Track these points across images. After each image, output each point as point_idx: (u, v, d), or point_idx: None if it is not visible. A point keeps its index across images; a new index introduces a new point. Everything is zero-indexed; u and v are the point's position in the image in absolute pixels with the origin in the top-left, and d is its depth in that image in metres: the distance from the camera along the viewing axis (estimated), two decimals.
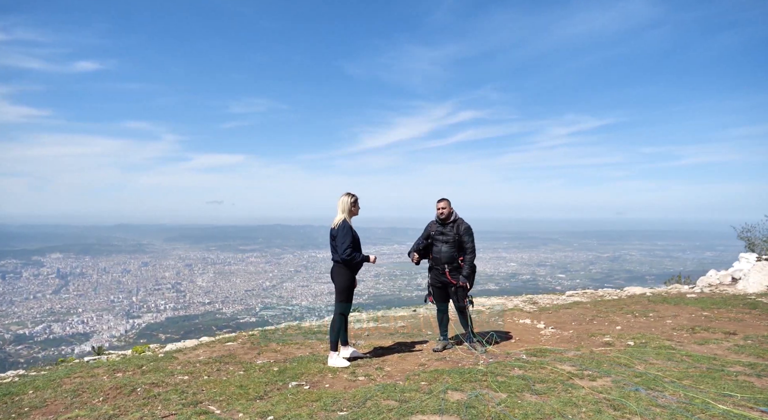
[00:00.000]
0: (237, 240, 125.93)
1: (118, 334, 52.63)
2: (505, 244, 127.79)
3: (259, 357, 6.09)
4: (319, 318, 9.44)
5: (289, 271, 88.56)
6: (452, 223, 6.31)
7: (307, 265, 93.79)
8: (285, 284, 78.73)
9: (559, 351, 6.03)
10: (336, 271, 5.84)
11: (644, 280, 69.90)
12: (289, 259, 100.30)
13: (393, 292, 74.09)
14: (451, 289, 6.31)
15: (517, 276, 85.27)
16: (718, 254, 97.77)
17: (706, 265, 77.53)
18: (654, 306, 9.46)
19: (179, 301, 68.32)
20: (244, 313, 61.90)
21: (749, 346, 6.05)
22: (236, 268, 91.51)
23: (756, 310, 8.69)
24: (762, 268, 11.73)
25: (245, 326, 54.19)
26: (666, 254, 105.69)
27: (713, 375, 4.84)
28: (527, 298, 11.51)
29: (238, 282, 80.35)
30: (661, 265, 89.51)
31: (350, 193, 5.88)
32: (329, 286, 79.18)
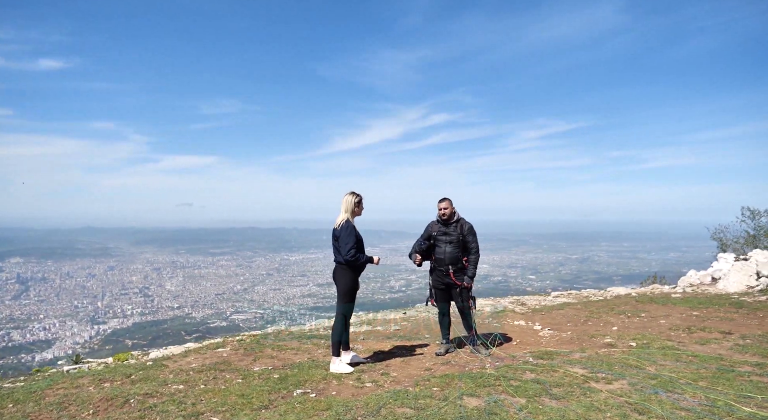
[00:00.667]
0: (207, 243, 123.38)
1: (82, 340, 50.75)
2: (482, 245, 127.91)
3: (255, 364, 5.79)
4: (292, 322, 9.13)
5: (261, 275, 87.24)
6: (455, 222, 6.15)
7: (279, 268, 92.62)
8: (257, 288, 77.53)
9: (565, 353, 5.92)
10: (339, 273, 5.61)
11: (612, 280, 71.37)
12: (261, 262, 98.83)
13: (365, 295, 73.70)
14: (455, 291, 6.14)
15: (489, 277, 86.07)
16: (681, 255, 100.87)
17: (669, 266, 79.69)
18: (643, 306, 9.51)
19: (147, 305, 66.42)
20: (215, 317, 60.60)
21: (750, 346, 6.06)
22: (206, 272, 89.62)
23: (743, 310, 8.81)
24: (741, 268, 11.97)
25: (216, 331, 53.06)
26: (632, 255, 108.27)
27: (726, 376, 4.80)
28: (514, 299, 11.46)
29: (208, 286, 78.68)
30: (628, 266, 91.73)
31: (354, 193, 5.65)
32: (302, 290, 78.19)
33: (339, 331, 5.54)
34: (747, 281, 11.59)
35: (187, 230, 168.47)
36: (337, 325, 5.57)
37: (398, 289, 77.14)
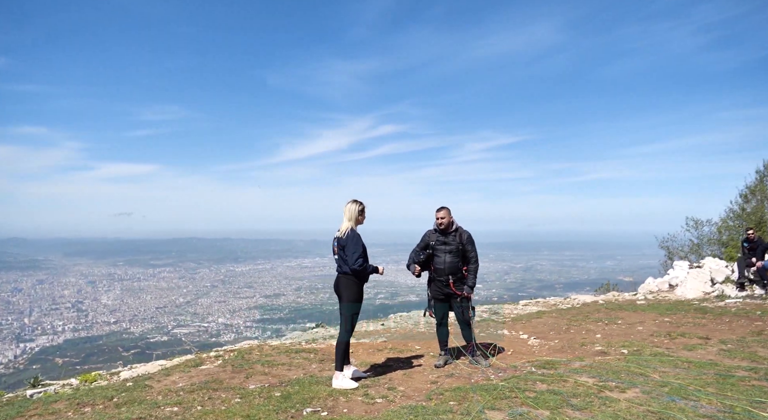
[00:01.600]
0: (147, 254, 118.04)
1: (5, 360, 46.98)
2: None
3: (249, 381, 5.42)
4: (237, 334, 8.68)
5: (205, 287, 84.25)
6: (454, 232, 6.05)
7: (224, 280, 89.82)
8: (200, 300, 74.72)
9: (565, 362, 5.92)
10: (343, 283, 5.37)
11: (554, 288, 73.81)
12: (205, 274, 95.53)
13: (314, 306, 72.77)
14: (454, 301, 6.02)
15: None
16: (617, 263, 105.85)
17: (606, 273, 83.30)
18: (615, 313, 9.76)
19: (80, 321, 62.44)
20: (155, 331, 57.84)
21: (734, 351, 6.28)
22: (146, 285, 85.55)
23: (709, 315, 9.19)
24: (697, 275, 12.58)
25: (156, 346, 50.58)
26: (572, 264, 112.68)
27: (728, 381, 4.90)
28: (486, 308, 11.50)
29: (148, 299, 75.08)
30: (569, 274, 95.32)
31: (357, 201, 5.45)
32: (248, 302, 76.06)
33: (343, 347, 5.29)
34: (703, 288, 12.19)
35: (125, 241, 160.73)
36: (340, 342, 5.31)
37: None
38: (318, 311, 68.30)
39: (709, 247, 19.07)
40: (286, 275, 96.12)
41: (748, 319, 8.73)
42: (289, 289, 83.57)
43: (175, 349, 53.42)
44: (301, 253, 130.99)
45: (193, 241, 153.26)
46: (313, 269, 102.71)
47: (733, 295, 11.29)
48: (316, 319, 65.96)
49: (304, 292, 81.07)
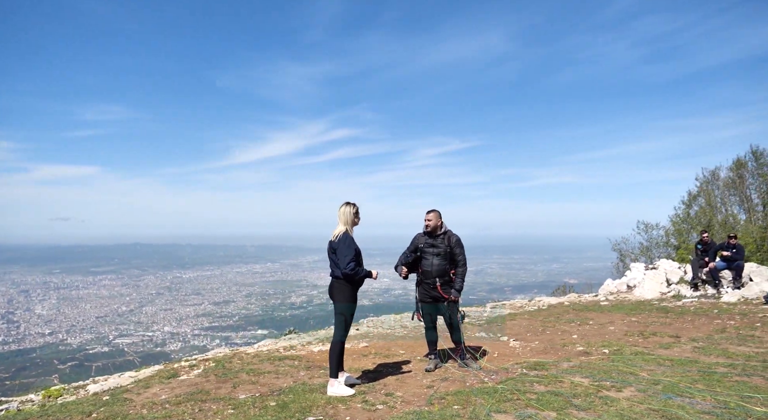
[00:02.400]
0: (87, 261, 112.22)
1: None
2: (378, 260, 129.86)
3: (237, 391, 5.16)
4: (185, 342, 8.36)
5: (150, 294, 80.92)
6: (443, 234, 6.02)
7: (171, 287, 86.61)
8: (145, 308, 71.69)
9: (553, 363, 5.99)
10: (336, 288, 5.20)
11: (503, 291, 75.62)
12: (150, 281, 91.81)
13: (266, 312, 71.40)
14: (442, 304, 5.98)
15: (390, 291, 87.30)
16: (563, 266, 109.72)
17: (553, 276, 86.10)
18: (584, 314, 10.03)
19: (11, 333, 58.39)
20: (95, 342, 54.92)
21: (707, 348, 6.55)
22: (86, 293, 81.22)
23: (671, 314, 9.61)
24: (654, 276, 13.14)
25: (96, 358, 48.10)
26: (521, 267, 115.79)
27: (713, 377, 5.08)
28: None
29: (87, 308, 71.25)
30: (517, 277, 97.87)
31: (351, 203, 5.31)
32: (196, 309, 73.84)
33: (337, 352, 5.13)
34: (659, 288, 12.74)
35: (63, 247, 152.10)
36: (335, 345, 5.15)
37: (300, 305, 75.61)
38: (269, 318, 67.06)
39: (657, 249, 20.08)
40: (236, 281, 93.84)
41: (708, 317, 9.18)
42: (239, 295, 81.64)
43: (117, 360, 50.94)
44: (252, 258, 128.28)
45: (138, 247, 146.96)
46: (264, 275, 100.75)
47: (689, 294, 11.87)
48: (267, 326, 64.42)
49: (254, 299, 79.40)
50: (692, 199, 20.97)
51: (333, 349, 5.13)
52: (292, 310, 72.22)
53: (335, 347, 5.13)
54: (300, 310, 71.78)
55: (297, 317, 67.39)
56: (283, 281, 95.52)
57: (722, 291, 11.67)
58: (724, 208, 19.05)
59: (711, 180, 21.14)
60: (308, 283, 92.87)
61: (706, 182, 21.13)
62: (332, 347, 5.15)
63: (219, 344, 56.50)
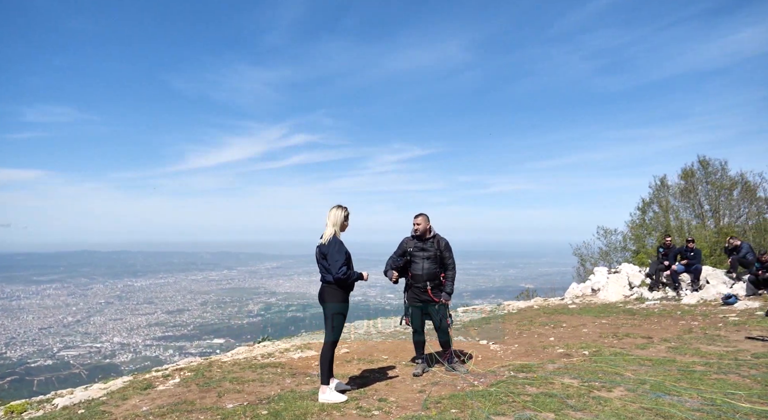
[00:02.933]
0: (29, 270, 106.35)
1: None
2: None
3: (223, 400, 4.96)
4: (136, 353, 8.07)
5: (99, 304, 77.55)
6: (432, 238, 6.01)
7: (121, 296, 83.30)
8: (93, 318, 68.63)
9: (539, 365, 6.06)
10: (328, 293, 5.09)
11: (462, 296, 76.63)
12: (99, 290, 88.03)
13: (221, 320, 69.70)
14: (433, 308, 5.96)
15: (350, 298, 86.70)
16: (519, 270, 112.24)
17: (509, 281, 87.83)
18: (556, 317, 10.24)
19: None
20: (37, 355, 52.08)
21: (681, 348, 6.77)
22: (27, 303, 76.95)
23: (637, 316, 9.93)
24: (617, 280, 13.59)
25: (38, 371, 45.66)
26: (478, 272, 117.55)
27: (693, 376, 5.24)
28: None
29: (29, 319, 67.49)
30: (476, 282, 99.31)
31: (342, 206, 5.22)
32: (148, 318, 71.31)
33: (329, 356, 5.01)
34: (623, 291, 13.18)
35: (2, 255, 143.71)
36: (326, 351, 5.02)
37: (257, 313, 74.20)
38: (225, 326, 65.50)
39: (616, 254, 20.78)
40: (190, 289, 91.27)
41: (672, 318, 9.54)
42: (194, 303, 79.40)
43: (62, 373, 48.43)
44: (208, 265, 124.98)
45: (86, 255, 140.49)
46: (221, 282, 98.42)
47: (651, 297, 12.32)
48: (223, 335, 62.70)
49: (210, 307, 77.42)
50: (646, 205, 21.85)
51: (324, 353, 5.01)
52: (249, 318, 70.82)
53: (327, 350, 5.01)
54: (257, 318, 70.46)
55: (254, 325, 66.04)
56: (240, 289, 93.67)
57: (682, 293, 12.17)
58: (675, 215, 19.91)
59: (662, 187, 22.12)
60: (266, 291, 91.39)
61: (658, 189, 22.10)
62: (323, 351, 5.03)
63: (173, 355, 54.64)
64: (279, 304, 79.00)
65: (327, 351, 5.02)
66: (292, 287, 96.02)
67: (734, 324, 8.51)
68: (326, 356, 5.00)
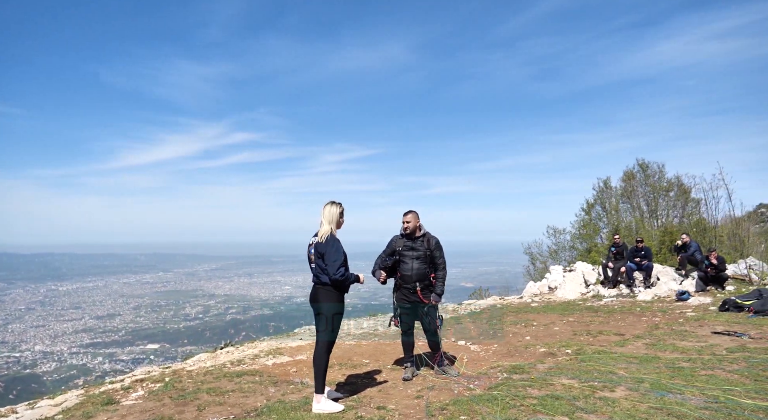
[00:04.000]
0: None
1: None
2: (280, 267, 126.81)
3: (205, 414, 4.48)
4: (60, 362, 7.44)
5: (18, 310, 72.04)
6: (422, 237, 5.77)
7: (44, 301, 77.81)
8: (11, 326, 63.62)
9: (529, 365, 5.95)
10: (323, 295, 4.72)
11: None
12: (19, 295, 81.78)
13: (156, 325, 66.68)
14: (422, 310, 5.72)
15: (292, 299, 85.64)
16: (461, 270, 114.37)
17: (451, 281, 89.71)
18: (524, 315, 10.27)
19: None
20: None
21: (657, 344, 6.85)
22: None
23: (600, 313, 10.14)
24: (573, 278, 13.92)
25: None
26: None
27: (684, 372, 5.28)
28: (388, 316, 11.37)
29: None
30: None
31: (336, 202, 4.87)
32: (74, 324, 67.17)
33: (324, 361, 4.65)
34: (579, 289, 13.51)
35: None
36: (321, 354, 4.65)
37: (195, 316, 71.49)
38: (161, 331, 62.70)
39: (564, 252, 21.46)
40: (122, 293, 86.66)
41: (634, 315, 9.80)
42: (126, 308, 75.47)
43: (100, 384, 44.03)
44: (142, 268, 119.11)
45: (4, 258, 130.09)
46: (156, 285, 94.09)
47: (607, 294, 12.68)
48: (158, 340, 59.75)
49: (144, 311, 73.85)
50: (590, 206, 22.72)
51: (320, 356, 4.63)
52: (186, 321, 68.14)
53: (323, 354, 4.63)
54: (195, 322, 67.92)
55: (192, 329, 63.59)
56: (177, 291, 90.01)
57: (636, 290, 12.61)
58: (617, 216, 20.78)
59: (606, 189, 23.09)
60: (205, 293, 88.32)
61: (602, 191, 23.05)
62: (318, 355, 4.65)
63: (102, 362, 51.41)
64: (218, 307, 76.57)
65: (323, 354, 4.65)
66: (232, 289, 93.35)
67: (694, 319, 8.83)
68: (322, 361, 4.63)
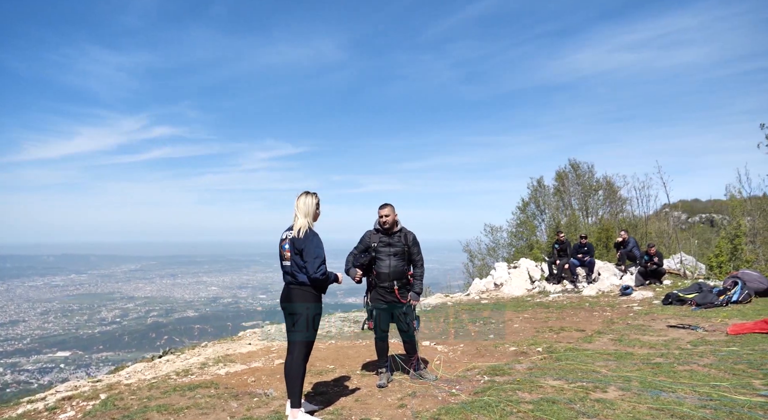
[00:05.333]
0: None
1: None
2: (206, 267, 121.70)
3: None
4: None
5: None
6: (399, 232, 5.34)
7: None
8: None
9: (507, 366, 5.66)
10: (298, 295, 4.16)
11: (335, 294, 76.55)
12: None
13: (67, 331, 61.96)
14: (399, 310, 5.29)
15: (219, 300, 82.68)
16: None
17: None
18: (477, 313, 10.08)
19: None
20: None
21: (622, 340, 6.78)
22: None
23: (552, 309, 10.17)
24: (519, 275, 14.04)
25: None
26: None
27: (663, 369, 5.21)
28: (344, 315, 10.90)
29: None
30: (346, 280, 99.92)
31: (311, 192, 4.32)
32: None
33: (301, 373, 4.11)
34: (525, 285, 13.64)
35: None
36: (298, 364, 4.10)
37: (111, 320, 67.18)
38: (72, 337, 58.44)
39: (502, 249, 21.86)
40: (28, 297, 79.71)
41: (585, 310, 9.92)
42: (32, 313, 69.50)
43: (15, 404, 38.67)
44: (50, 270, 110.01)
45: None
46: (67, 288, 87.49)
47: (553, 290, 12.87)
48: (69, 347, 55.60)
49: (53, 316, 68.39)
50: (525, 204, 23.33)
51: (297, 365, 4.09)
52: (102, 326, 63.85)
53: (300, 361, 4.10)
54: (112, 326, 63.82)
55: (108, 334, 59.81)
56: (91, 294, 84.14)
57: (579, 286, 12.90)
58: (557, 213, 21.46)
59: (540, 188, 23.81)
60: (123, 296, 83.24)
61: (536, 190, 23.75)
62: (295, 362, 4.10)
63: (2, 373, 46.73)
64: (138, 310, 72.47)
65: (300, 361, 4.11)
66: (153, 291, 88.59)
67: (644, 313, 9.03)
68: (299, 369, 4.09)
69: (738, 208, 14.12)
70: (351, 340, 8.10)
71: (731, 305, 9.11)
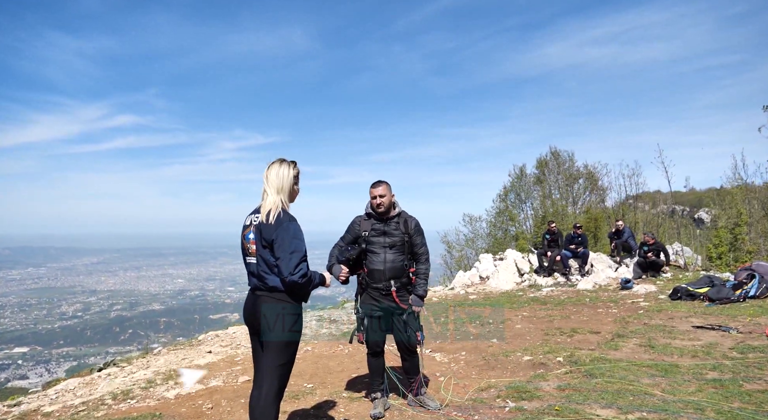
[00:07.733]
0: None
1: None
2: (172, 259, 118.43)
3: None
4: None
5: None
6: (396, 217, 4.15)
7: None
8: None
9: (530, 385, 4.53)
10: (268, 308, 2.93)
11: None
12: None
13: (25, 326, 59.39)
14: (400, 318, 4.10)
15: (185, 292, 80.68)
16: None
17: None
18: (470, 310, 9.00)
19: None
20: None
21: (653, 346, 5.73)
22: None
23: (550, 305, 9.16)
24: (506, 267, 13.05)
25: None
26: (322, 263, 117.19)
27: (735, 390, 4.14)
28: (325, 314, 9.71)
29: None
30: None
31: (286, 160, 3.09)
32: None
33: (272, 415, 2.90)
34: (514, 278, 12.66)
35: None
36: (267, 406, 2.87)
37: (73, 314, 64.77)
38: (31, 332, 56.13)
39: (482, 240, 20.97)
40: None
41: (588, 307, 8.94)
42: None
43: None
44: (6, 263, 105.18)
45: None
46: (24, 282, 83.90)
47: (545, 284, 11.92)
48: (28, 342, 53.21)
49: (10, 311, 65.71)
50: (506, 192, 22.51)
51: (267, 408, 2.87)
52: (62, 320, 61.44)
53: (269, 403, 2.88)
54: (73, 321, 61.40)
55: (69, 329, 57.62)
56: (51, 288, 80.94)
57: (572, 279, 12.00)
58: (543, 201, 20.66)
59: (521, 177, 23.01)
60: (84, 289, 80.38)
61: (518, 178, 22.94)
62: (263, 405, 2.87)
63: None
64: (101, 304, 70.05)
65: (272, 400, 2.91)
66: (117, 284, 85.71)
67: (657, 310, 8.07)
68: (269, 411, 2.87)
69: (739, 195, 13.45)
70: (330, 345, 6.92)
71: (748, 300, 8.29)
